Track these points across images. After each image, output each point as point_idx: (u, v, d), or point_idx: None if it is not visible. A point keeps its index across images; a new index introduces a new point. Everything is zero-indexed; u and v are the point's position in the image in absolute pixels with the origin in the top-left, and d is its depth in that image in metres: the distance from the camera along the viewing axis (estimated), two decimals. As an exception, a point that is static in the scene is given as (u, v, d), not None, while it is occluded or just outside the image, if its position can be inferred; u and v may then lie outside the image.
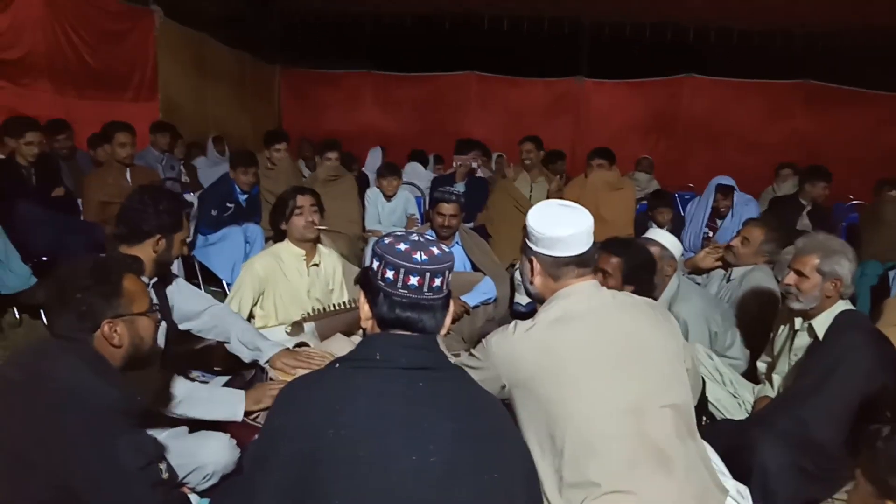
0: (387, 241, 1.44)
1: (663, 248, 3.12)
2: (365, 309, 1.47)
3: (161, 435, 2.21)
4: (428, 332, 1.42)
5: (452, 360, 2.17)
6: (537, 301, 1.95)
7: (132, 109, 6.52)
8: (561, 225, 1.84)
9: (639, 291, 2.52)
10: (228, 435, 2.24)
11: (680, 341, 1.94)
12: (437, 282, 1.40)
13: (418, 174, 6.91)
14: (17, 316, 4.11)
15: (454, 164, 6.29)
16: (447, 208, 3.87)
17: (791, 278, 2.58)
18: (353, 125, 10.42)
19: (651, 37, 9.74)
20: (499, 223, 5.33)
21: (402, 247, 1.41)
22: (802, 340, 2.62)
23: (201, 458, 2.15)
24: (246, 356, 2.67)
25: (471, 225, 5.51)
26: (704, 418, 2.82)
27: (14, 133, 4.38)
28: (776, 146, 9.42)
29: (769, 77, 9.91)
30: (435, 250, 1.43)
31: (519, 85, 10.57)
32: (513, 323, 1.85)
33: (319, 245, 3.40)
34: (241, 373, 2.85)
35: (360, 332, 3.30)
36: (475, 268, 4.00)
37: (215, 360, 3.00)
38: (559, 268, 1.85)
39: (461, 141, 6.61)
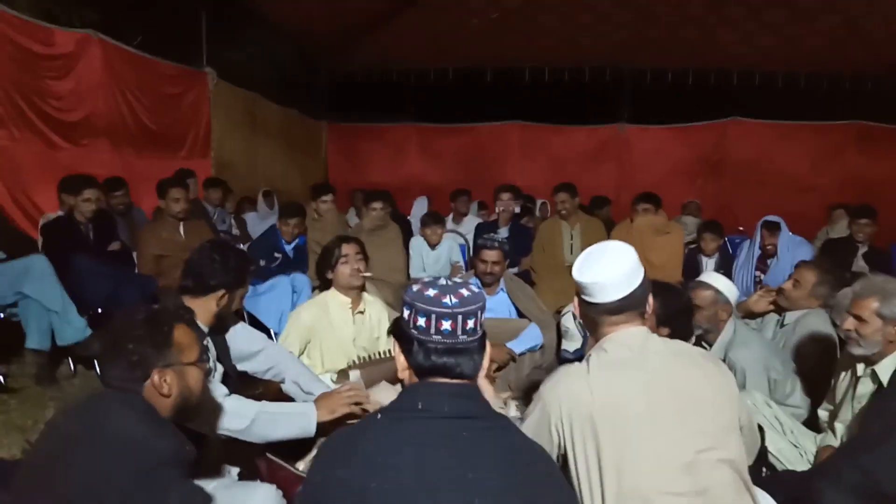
0: (415, 289, 1.44)
1: (717, 291, 3.05)
2: (401, 360, 1.46)
3: (209, 486, 2.22)
4: (467, 376, 1.39)
5: (497, 408, 2.13)
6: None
7: (187, 166, 6.75)
8: (590, 270, 1.83)
9: (674, 335, 2.48)
10: (275, 486, 2.23)
11: (735, 394, 1.86)
12: (471, 323, 1.39)
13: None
14: (72, 367, 4.20)
15: (496, 210, 6.32)
16: (490, 255, 3.88)
17: (850, 323, 2.48)
18: (398, 176, 10.59)
19: (694, 82, 9.74)
20: (541, 271, 5.30)
21: (431, 293, 1.40)
22: (866, 387, 2.50)
23: (249, 509, 2.14)
24: (300, 398, 2.69)
25: (515, 270, 5.50)
26: (765, 469, 2.69)
27: (72, 190, 4.57)
28: (828, 188, 9.24)
29: (817, 119, 9.76)
30: (464, 292, 1.41)
31: (561, 132, 10.64)
32: (563, 367, 1.82)
33: (364, 293, 3.42)
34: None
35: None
36: (521, 314, 3.96)
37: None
38: (595, 313, 1.83)
39: (501, 186, 6.65)
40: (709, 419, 1.72)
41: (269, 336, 4.77)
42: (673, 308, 2.68)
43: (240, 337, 2.71)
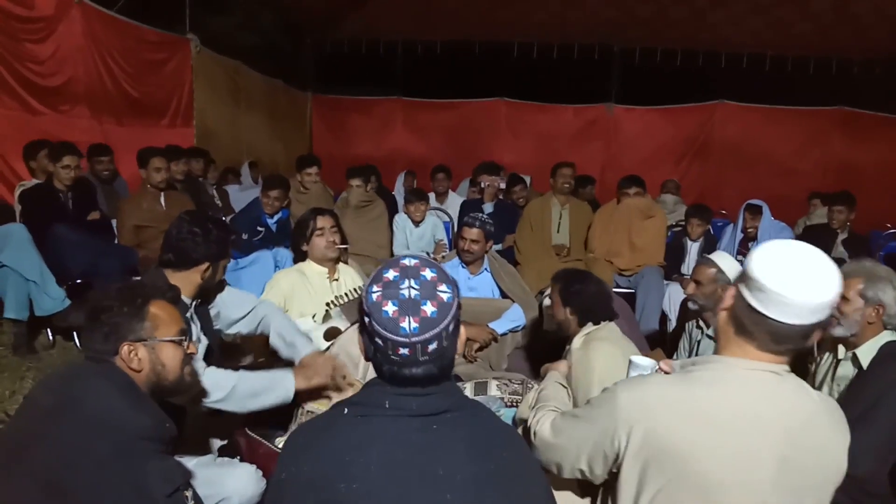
0: (374, 298, 1.26)
1: (719, 270, 3.06)
2: (363, 347, 1.35)
3: (190, 463, 2.21)
4: (433, 383, 1.29)
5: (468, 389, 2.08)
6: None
7: (169, 136, 6.65)
8: (820, 287, 1.40)
9: (581, 317, 2.63)
10: (255, 466, 2.23)
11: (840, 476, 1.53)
12: (433, 346, 1.25)
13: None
14: (51, 338, 4.16)
15: (482, 185, 6.30)
16: (470, 233, 3.86)
17: None
18: (383, 150, 10.55)
19: (682, 63, 9.72)
20: (526, 250, 5.29)
21: (389, 310, 1.24)
22: (846, 370, 2.54)
23: (227, 488, 2.13)
24: (284, 352, 2.69)
25: (499, 247, 5.50)
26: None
27: (52, 157, 4.50)
28: (812, 173, 9.32)
29: (803, 104, 9.81)
30: (429, 309, 1.24)
31: (548, 111, 10.61)
32: (657, 374, 1.63)
33: (340, 263, 3.44)
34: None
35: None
36: (504, 294, 3.97)
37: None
38: (757, 331, 1.46)
39: (488, 163, 6.62)
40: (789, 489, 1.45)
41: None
42: (575, 290, 2.71)
43: (230, 303, 2.71)
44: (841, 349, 2.57)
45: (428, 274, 1.28)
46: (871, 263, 2.55)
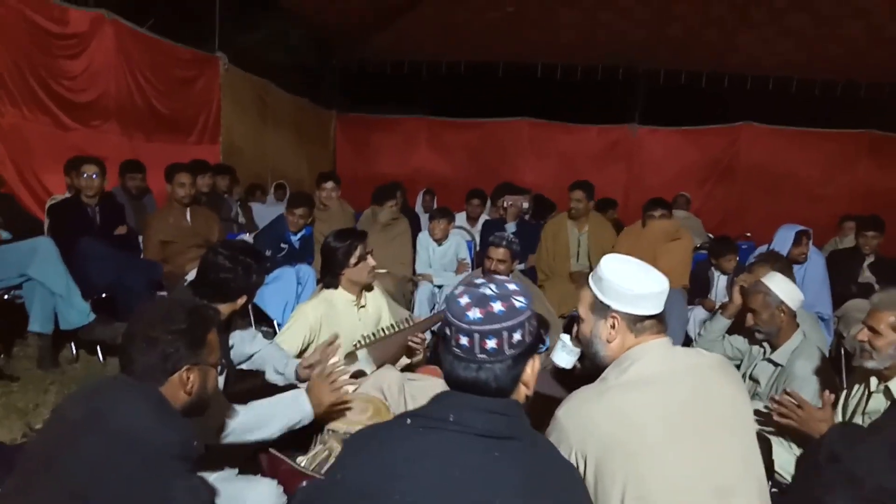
0: (457, 291, 1.34)
1: (766, 292, 2.98)
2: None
3: (211, 477, 2.20)
4: (489, 394, 1.29)
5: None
6: (600, 365, 1.80)
7: (196, 152, 6.72)
8: (649, 281, 1.75)
9: None
10: (276, 481, 2.21)
11: (751, 407, 1.82)
12: (491, 343, 1.26)
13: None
14: (74, 351, 4.18)
15: (504, 205, 6.28)
16: (497, 253, 3.86)
17: (864, 334, 2.43)
18: (406, 169, 10.56)
19: (707, 85, 9.67)
20: (545, 272, 5.26)
21: (463, 300, 1.30)
22: (878, 403, 2.46)
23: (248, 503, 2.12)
24: (280, 381, 2.75)
25: (522, 266, 5.46)
26: (770, 484, 2.65)
27: (73, 168, 4.54)
28: (839, 197, 9.19)
29: (830, 126, 9.69)
30: (496, 306, 1.28)
31: (571, 131, 10.59)
32: (580, 389, 1.71)
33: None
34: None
35: (407, 360, 3.30)
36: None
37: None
38: (644, 326, 1.74)
39: (507, 184, 6.58)
40: (737, 436, 1.65)
41: (273, 326, 4.78)
42: None
43: (245, 337, 2.78)
44: (873, 381, 2.49)
45: (510, 285, 1.35)
46: None
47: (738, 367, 3.23)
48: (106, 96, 5.81)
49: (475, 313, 1.28)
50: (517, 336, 1.29)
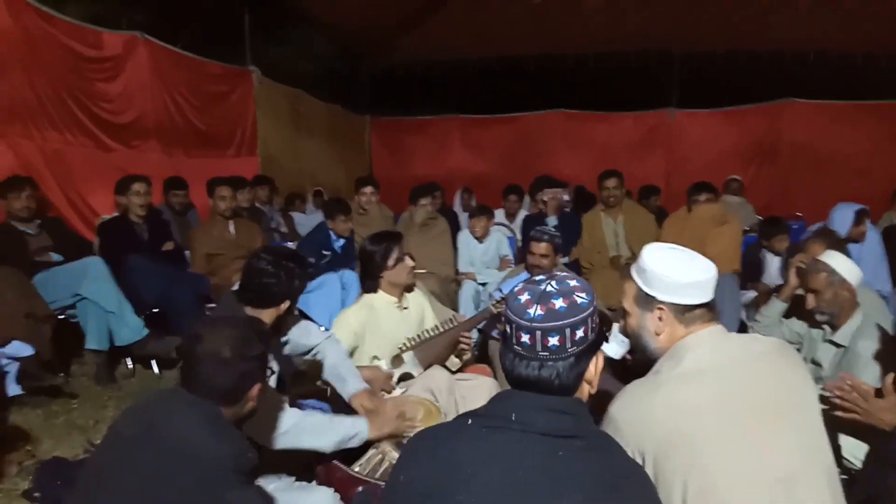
0: (517, 288, 1.32)
1: (830, 271, 2.86)
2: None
3: (269, 486, 2.21)
4: (552, 392, 1.27)
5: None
6: (651, 358, 1.75)
7: (235, 165, 6.83)
8: (694, 269, 1.69)
9: None
10: (333, 489, 2.20)
11: (816, 390, 1.72)
12: (553, 341, 1.24)
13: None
14: (131, 366, 4.26)
15: (543, 199, 6.21)
16: (539, 247, 3.81)
17: None
18: (442, 169, 10.54)
19: (745, 63, 9.41)
20: (587, 265, 5.18)
21: (523, 298, 1.29)
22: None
23: (306, 511, 2.12)
24: (336, 387, 2.74)
25: (565, 260, 5.39)
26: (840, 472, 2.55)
27: (121, 189, 4.64)
28: (889, 171, 8.81)
29: (875, 99, 9.34)
30: (558, 303, 1.26)
31: (607, 120, 10.44)
32: (633, 383, 1.66)
33: None
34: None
35: (455, 360, 3.27)
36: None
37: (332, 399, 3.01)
38: (693, 315, 1.68)
39: (544, 177, 6.50)
40: (802, 423, 1.58)
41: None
42: None
43: (301, 332, 2.79)
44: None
45: (572, 281, 1.32)
46: None
47: (798, 350, 3.12)
48: (144, 116, 5.92)
49: (536, 310, 1.26)
50: (580, 333, 1.27)
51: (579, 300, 1.28)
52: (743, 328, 4.64)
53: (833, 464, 1.61)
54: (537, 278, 1.34)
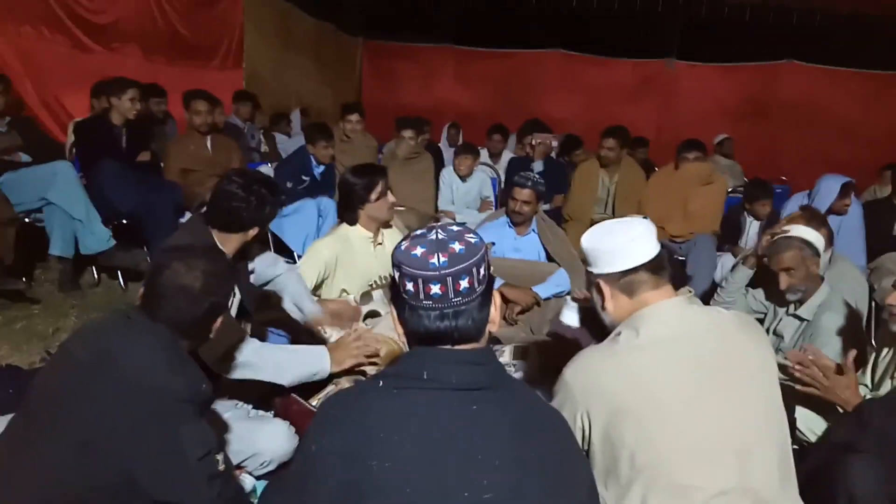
0: (403, 247, 1.27)
1: (802, 245, 2.80)
2: (398, 326, 1.32)
3: (225, 414, 2.20)
4: (469, 339, 1.26)
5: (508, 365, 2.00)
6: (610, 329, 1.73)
7: (218, 77, 6.61)
8: (615, 233, 1.68)
9: None
10: (288, 423, 2.20)
11: (775, 364, 1.71)
12: (464, 283, 1.22)
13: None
14: (96, 276, 4.20)
15: (532, 143, 6.10)
16: (522, 194, 3.75)
17: (893, 297, 2.29)
18: (432, 100, 10.33)
19: (750, 18, 9.19)
20: (571, 216, 5.12)
21: (419, 251, 1.24)
22: (911, 366, 2.36)
23: (259, 445, 2.13)
24: (295, 315, 2.77)
25: (547, 207, 5.34)
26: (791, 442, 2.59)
27: (115, 91, 4.37)
28: (881, 141, 8.78)
29: (875, 67, 9.20)
30: (457, 246, 1.24)
31: (604, 65, 10.21)
32: (588, 348, 1.66)
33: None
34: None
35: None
36: (550, 258, 3.85)
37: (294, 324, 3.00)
38: (630, 281, 1.66)
39: (534, 120, 6.37)
40: (759, 394, 1.57)
41: (293, 257, 4.76)
42: None
43: (265, 261, 2.75)
44: (905, 345, 2.38)
45: (455, 227, 1.31)
46: None
47: (761, 321, 3.12)
48: (125, 18, 5.68)
49: (439, 258, 1.23)
50: (483, 271, 1.26)
51: (473, 240, 1.27)
52: (715, 289, 4.67)
53: (787, 439, 1.61)
54: (419, 231, 1.31)
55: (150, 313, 1.63)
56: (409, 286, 1.24)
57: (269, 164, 5.26)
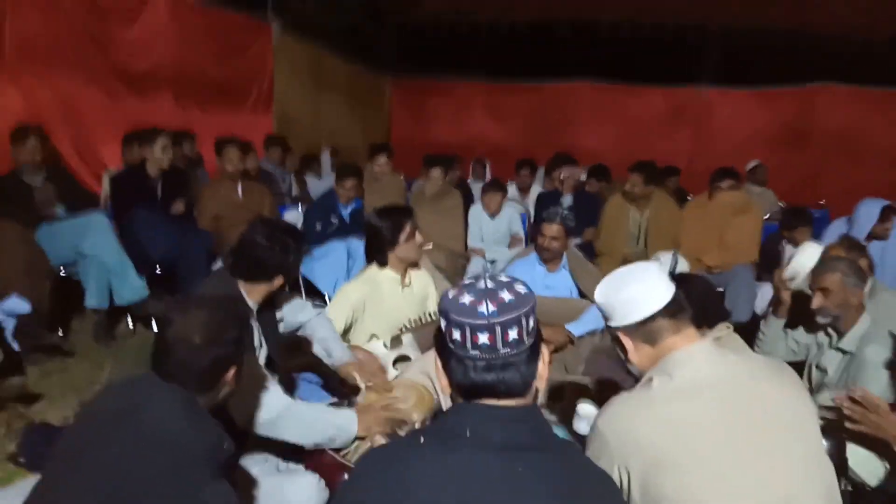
0: (451, 295, 1.25)
1: (845, 273, 2.75)
2: (442, 377, 1.28)
3: (253, 470, 2.17)
4: (515, 393, 1.21)
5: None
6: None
7: (249, 121, 6.73)
8: (627, 284, 1.64)
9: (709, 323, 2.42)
10: (318, 476, 2.15)
11: (814, 409, 1.66)
12: (513, 334, 1.19)
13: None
14: (131, 326, 4.23)
15: (560, 177, 6.05)
16: (550, 229, 3.70)
17: None
18: (462, 136, 10.37)
19: (783, 43, 9.06)
20: (603, 252, 5.02)
21: (467, 299, 1.21)
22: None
23: (289, 499, 2.07)
24: (326, 360, 2.72)
25: (578, 241, 5.26)
26: (844, 482, 2.46)
27: (146, 141, 4.48)
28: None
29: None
30: (506, 296, 1.21)
31: (635, 93, 10.15)
32: (622, 395, 1.61)
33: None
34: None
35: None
36: (582, 294, 3.77)
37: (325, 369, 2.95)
38: (650, 329, 1.62)
39: (563, 154, 6.32)
40: (801, 446, 1.53)
41: (324, 300, 4.75)
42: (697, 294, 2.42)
43: (293, 307, 2.75)
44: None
45: (504, 277, 1.27)
46: None
47: (804, 360, 3.01)
48: (159, 65, 5.77)
49: (488, 307, 1.19)
50: (532, 323, 1.23)
51: (522, 290, 1.24)
52: (755, 320, 4.52)
53: (834, 483, 1.56)
54: (467, 281, 1.28)
55: (157, 370, 1.61)
56: (457, 335, 1.20)
57: (300, 208, 5.29)
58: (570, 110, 10.28)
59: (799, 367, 3.08)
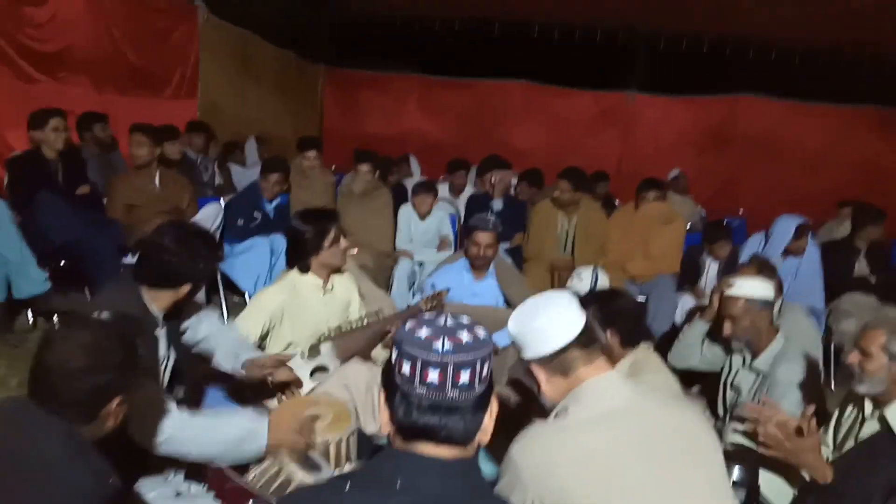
0: (409, 327, 1.20)
1: (748, 298, 2.76)
2: (383, 413, 1.21)
3: (150, 495, 2.03)
4: (456, 441, 1.15)
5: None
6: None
7: (171, 107, 6.41)
8: (539, 314, 1.63)
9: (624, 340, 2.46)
10: (220, 502, 2.03)
11: (716, 439, 1.72)
12: (464, 377, 1.13)
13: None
14: (31, 320, 4.00)
15: (491, 180, 6.01)
16: (483, 238, 3.66)
17: (854, 357, 2.23)
18: (395, 129, 10.22)
19: (709, 51, 9.33)
20: (530, 258, 5.02)
21: (423, 333, 1.16)
22: (872, 429, 2.28)
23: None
24: (228, 368, 2.55)
25: (507, 245, 5.24)
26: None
27: (38, 124, 4.23)
28: (839, 175, 8.93)
29: (834, 101, 9.37)
30: (465, 336, 1.16)
31: (567, 95, 10.22)
32: (536, 425, 1.58)
33: None
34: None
35: (382, 351, 3.11)
36: (508, 304, 3.74)
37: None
38: (562, 360, 1.61)
39: (495, 157, 6.29)
40: (707, 470, 1.58)
41: (244, 298, 4.58)
42: (615, 306, 2.52)
43: (192, 324, 2.59)
44: (868, 406, 2.30)
45: (466, 318, 1.24)
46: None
47: (717, 374, 3.06)
48: (74, 47, 5.43)
49: (444, 344, 1.14)
50: (486, 371, 1.18)
51: (481, 334, 1.20)
52: (675, 331, 4.61)
53: None
54: (426, 316, 1.23)
55: (36, 399, 1.46)
56: (406, 368, 1.15)
57: (221, 200, 5.06)
58: (503, 109, 10.26)
59: (712, 377, 3.15)
